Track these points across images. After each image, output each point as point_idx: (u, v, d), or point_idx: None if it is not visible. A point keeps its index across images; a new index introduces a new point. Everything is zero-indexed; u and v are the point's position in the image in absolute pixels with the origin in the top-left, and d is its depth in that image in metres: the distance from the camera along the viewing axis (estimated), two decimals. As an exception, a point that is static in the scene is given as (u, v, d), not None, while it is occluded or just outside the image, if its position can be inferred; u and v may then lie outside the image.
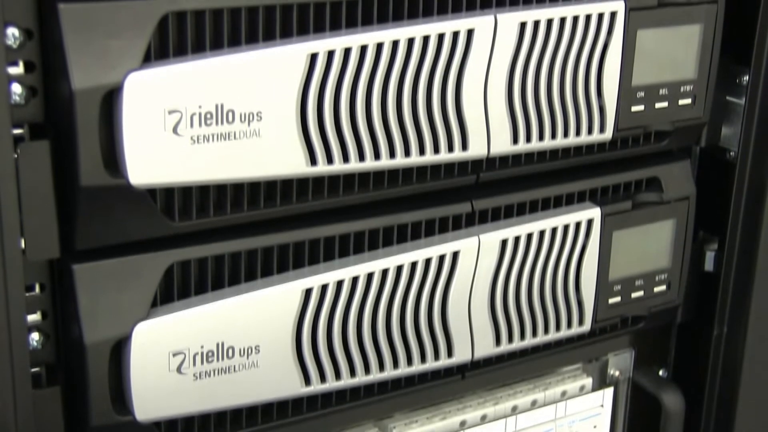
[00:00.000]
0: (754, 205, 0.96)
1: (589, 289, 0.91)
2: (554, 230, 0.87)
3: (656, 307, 0.96)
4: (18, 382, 0.69)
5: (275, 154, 0.72)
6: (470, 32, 0.77)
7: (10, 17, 0.65)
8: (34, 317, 0.73)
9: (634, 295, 0.94)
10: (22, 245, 0.68)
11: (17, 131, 0.67)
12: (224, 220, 0.74)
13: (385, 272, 0.80)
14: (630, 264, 0.93)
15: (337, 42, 0.72)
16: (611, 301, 0.92)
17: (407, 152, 0.78)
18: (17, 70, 0.67)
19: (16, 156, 0.66)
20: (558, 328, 0.90)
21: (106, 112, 0.67)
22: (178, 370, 0.73)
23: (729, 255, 0.98)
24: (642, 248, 0.93)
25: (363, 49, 0.74)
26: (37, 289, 0.73)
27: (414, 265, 0.81)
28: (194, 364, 0.73)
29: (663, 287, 0.96)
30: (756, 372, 1.00)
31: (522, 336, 0.88)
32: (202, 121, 0.69)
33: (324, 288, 0.77)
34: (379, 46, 0.74)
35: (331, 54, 0.72)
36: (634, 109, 0.87)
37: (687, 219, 0.95)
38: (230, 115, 0.70)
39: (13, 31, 0.66)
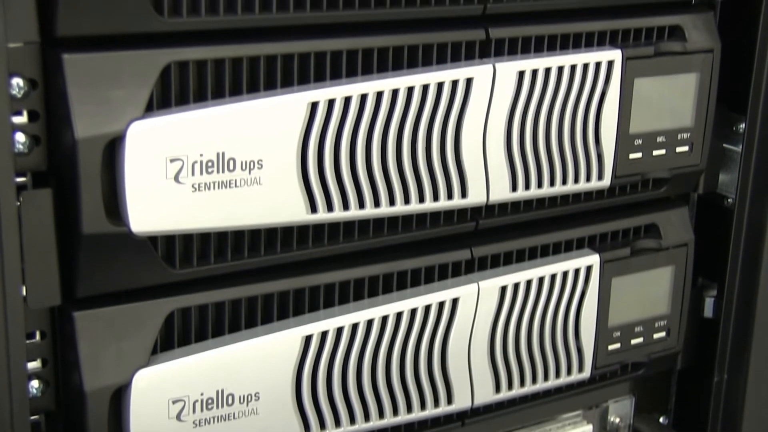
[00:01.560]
0: (753, 252, 0.96)
1: (588, 335, 0.91)
2: (553, 277, 0.87)
3: (656, 353, 0.96)
4: (17, 429, 0.69)
5: (276, 201, 0.73)
6: (469, 81, 0.78)
7: (15, 68, 0.66)
8: (34, 364, 0.73)
9: (633, 341, 0.94)
10: (23, 293, 0.68)
11: (20, 179, 0.68)
12: (225, 267, 0.75)
13: (384, 319, 0.80)
14: (629, 310, 0.93)
15: (338, 91, 0.73)
16: (611, 347, 0.93)
17: (407, 200, 0.78)
18: (21, 119, 0.68)
19: (18, 204, 0.66)
20: (558, 374, 0.90)
21: (108, 160, 0.68)
22: (178, 417, 0.73)
23: (728, 301, 0.98)
24: (641, 295, 0.94)
25: (363, 97, 0.74)
26: (38, 336, 0.73)
27: (413, 312, 0.81)
28: (194, 411, 0.73)
29: (662, 333, 0.96)
30: (757, 419, 1.00)
31: (522, 383, 0.88)
32: (204, 169, 0.70)
33: (324, 335, 0.77)
34: (379, 95, 0.75)
35: (331, 102, 0.73)
36: (632, 156, 0.88)
37: (686, 265, 0.95)
38: (231, 163, 0.71)
39: (17, 81, 0.67)
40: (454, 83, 0.78)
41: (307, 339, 0.77)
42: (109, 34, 0.67)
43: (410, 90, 0.76)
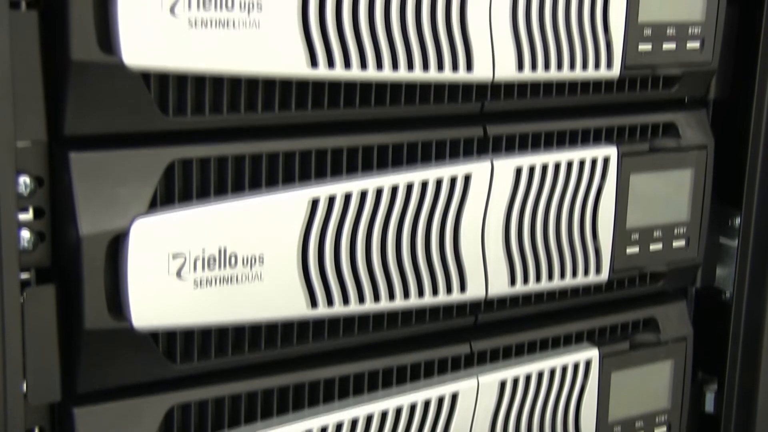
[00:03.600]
0: (752, 346, 0.96)
1: (588, 430, 0.90)
2: (553, 371, 0.87)
3: (657, 448, 0.96)
4: None
5: (276, 297, 0.74)
6: (467, 177, 0.80)
7: (23, 166, 0.67)
8: (33, 460, 0.73)
9: (634, 436, 0.94)
10: (24, 389, 0.68)
11: (24, 276, 0.69)
12: (225, 363, 0.75)
13: (384, 414, 0.80)
14: (629, 405, 0.93)
15: (338, 188, 0.75)
16: (611, 442, 0.92)
17: (406, 295, 0.79)
18: (26, 216, 0.69)
19: (22, 301, 0.67)
20: (559, 470, 0.90)
21: (111, 256, 0.68)
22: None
23: (729, 396, 0.98)
24: (641, 389, 0.94)
25: (363, 194, 0.76)
26: (37, 432, 0.73)
27: (413, 407, 0.81)
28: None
29: (663, 429, 0.96)
30: None
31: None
32: (206, 265, 0.70)
33: (324, 430, 0.77)
34: (379, 191, 0.76)
35: (332, 199, 0.74)
36: (629, 251, 0.89)
37: (685, 360, 0.96)
38: (233, 259, 0.72)
39: (24, 179, 0.68)
40: (453, 180, 0.79)
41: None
42: (115, 133, 0.69)
43: (410, 186, 0.77)
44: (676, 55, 0.87)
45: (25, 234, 0.68)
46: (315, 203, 0.74)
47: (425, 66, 0.76)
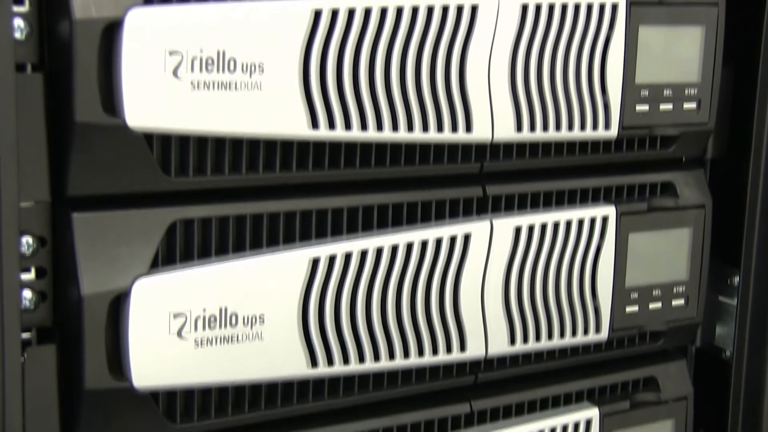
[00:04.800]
0: (753, 405, 0.96)
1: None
2: (553, 431, 0.87)
3: None
4: None
5: (277, 356, 0.74)
6: (467, 237, 0.80)
7: (25, 226, 0.68)
8: None
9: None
10: (24, 449, 0.69)
11: (25, 335, 0.69)
12: (226, 422, 0.75)
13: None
14: (631, 465, 0.93)
15: (339, 247, 0.75)
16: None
17: (406, 354, 0.79)
18: (29, 276, 0.69)
19: (23, 360, 0.67)
20: None
21: (112, 316, 0.69)
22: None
23: (730, 455, 0.98)
24: (642, 448, 0.93)
25: (363, 253, 0.76)
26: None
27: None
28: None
29: (665, 489, 0.95)
30: None
31: None
32: (206, 324, 0.71)
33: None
34: (379, 251, 0.77)
35: (332, 259, 0.75)
36: (629, 310, 0.89)
37: (686, 419, 0.95)
38: (234, 318, 0.72)
39: (27, 239, 0.68)
40: (453, 239, 0.80)
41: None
42: (117, 193, 0.69)
43: (409, 246, 0.78)
44: (673, 115, 0.88)
45: (27, 294, 0.69)
46: (315, 263, 0.74)
47: (425, 127, 0.77)
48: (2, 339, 0.65)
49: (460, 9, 0.76)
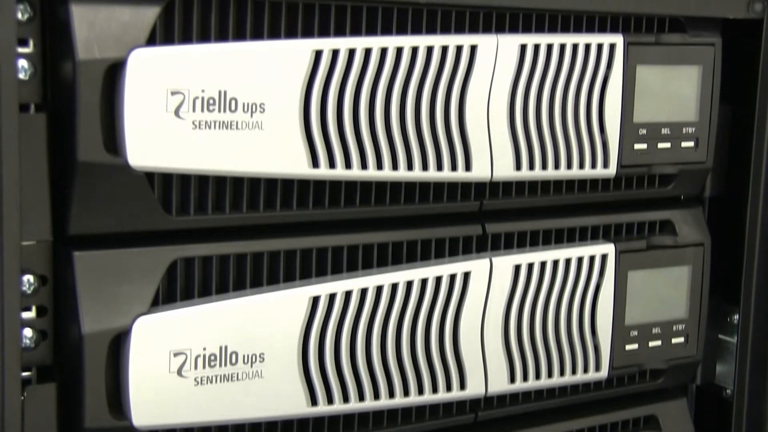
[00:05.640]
0: (754, 443, 0.96)
1: None
2: (554, 470, 0.87)
3: None
4: None
5: (277, 394, 0.74)
6: (467, 275, 0.80)
7: (27, 265, 0.68)
8: None
9: None
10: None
11: (25, 374, 0.69)
12: (225, 461, 0.75)
13: None
14: (632, 504, 0.92)
15: (339, 285, 0.75)
16: None
17: (406, 392, 0.79)
18: (29, 314, 0.69)
19: (23, 399, 0.67)
20: None
21: (113, 354, 0.69)
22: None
23: (732, 493, 0.97)
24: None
25: (363, 292, 0.76)
26: None
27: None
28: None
29: None
30: None
31: None
32: (207, 363, 0.71)
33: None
34: (379, 289, 0.77)
35: (332, 297, 0.75)
36: (628, 348, 0.89)
37: (687, 457, 0.95)
38: (234, 356, 0.72)
39: (28, 278, 0.69)
40: (452, 277, 0.80)
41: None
42: (119, 232, 0.70)
43: (409, 284, 0.78)
44: (672, 154, 0.89)
45: (28, 332, 0.69)
46: (316, 301, 0.74)
47: (425, 165, 0.77)
48: (2, 378, 0.65)
49: (459, 49, 0.77)
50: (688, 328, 0.93)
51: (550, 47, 0.81)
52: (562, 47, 0.81)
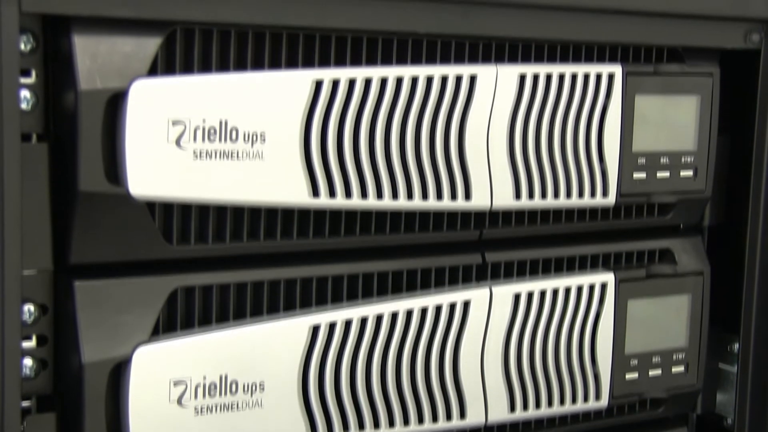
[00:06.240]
0: (755, 473, 0.96)
1: None
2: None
3: None
4: None
5: (277, 424, 0.74)
6: (466, 304, 0.80)
7: (28, 294, 0.68)
8: None
9: None
10: None
11: (25, 404, 0.69)
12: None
13: None
14: None
15: (339, 315, 0.75)
16: None
17: (406, 421, 0.79)
18: (30, 344, 0.69)
19: (22, 428, 0.67)
20: None
21: (113, 383, 0.69)
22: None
23: None
24: None
25: (363, 321, 0.76)
26: None
27: None
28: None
29: None
30: None
31: None
32: (207, 392, 0.71)
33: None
34: (379, 318, 0.77)
35: (332, 326, 0.75)
36: (629, 377, 0.89)
37: (688, 487, 0.95)
38: (234, 386, 0.72)
39: (29, 308, 0.69)
40: (452, 306, 0.80)
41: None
42: (119, 261, 0.70)
43: (409, 313, 0.78)
44: (670, 183, 0.89)
45: (28, 362, 0.69)
46: (316, 330, 0.75)
47: (424, 195, 0.77)
48: (2, 407, 0.65)
49: (459, 79, 0.78)
50: (688, 356, 0.92)
51: (549, 77, 0.81)
52: (561, 77, 0.82)
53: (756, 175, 0.93)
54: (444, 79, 0.77)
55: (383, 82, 0.75)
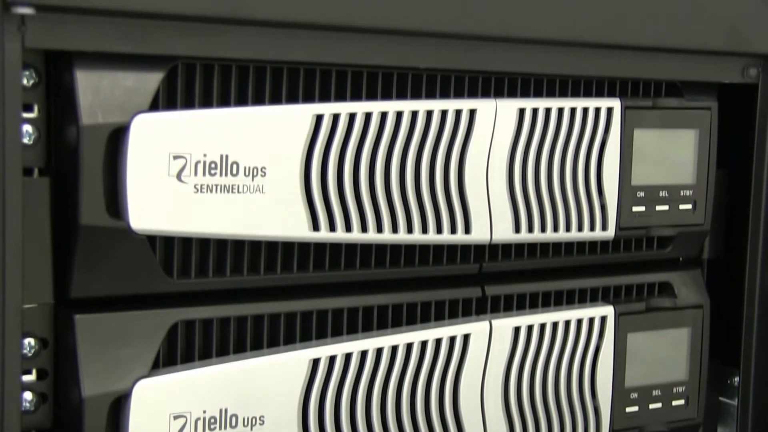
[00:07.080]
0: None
1: None
2: None
3: None
4: None
5: (276, 458, 0.74)
6: (466, 337, 0.80)
7: (28, 328, 0.68)
8: None
9: None
10: None
11: (26, 437, 0.69)
12: None
13: None
14: None
15: (339, 348, 0.75)
16: None
17: (406, 455, 0.79)
18: (30, 377, 0.69)
19: (22, 464, 0.67)
20: None
21: (113, 417, 0.69)
22: None
23: None
24: None
25: (363, 354, 0.76)
26: None
27: None
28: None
29: None
30: None
31: None
32: (206, 426, 0.71)
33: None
34: (379, 352, 0.77)
35: (332, 359, 0.75)
36: (629, 410, 0.89)
37: None
38: (233, 419, 0.72)
39: (29, 341, 0.69)
40: (452, 339, 0.80)
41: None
42: (120, 295, 0.70)
43: (409, 346, 0.78)
44: (669, 216, 0.89)
45: (28, 396, 0.69)
46: (316, 363, 0.75)
47: (424, 229, 0.78)
48: (2, 441, 0.65)
49: (458, 113, 0.78)
50: (688, 390, 0.92)
51: (548, 111, 0.82)
52: (560, 111, 0.83)
53: (755, 208, 0.93)
54: (444, 114, 0.77)
55: (383, 116, 0.75)
